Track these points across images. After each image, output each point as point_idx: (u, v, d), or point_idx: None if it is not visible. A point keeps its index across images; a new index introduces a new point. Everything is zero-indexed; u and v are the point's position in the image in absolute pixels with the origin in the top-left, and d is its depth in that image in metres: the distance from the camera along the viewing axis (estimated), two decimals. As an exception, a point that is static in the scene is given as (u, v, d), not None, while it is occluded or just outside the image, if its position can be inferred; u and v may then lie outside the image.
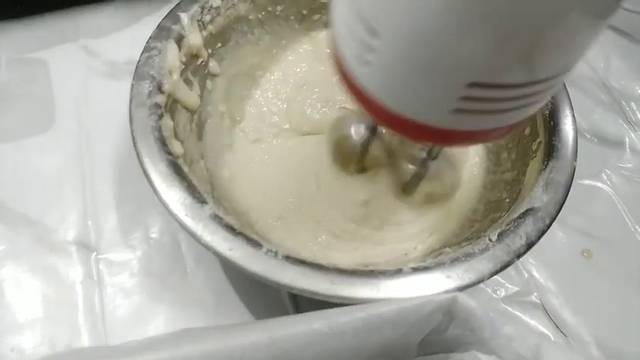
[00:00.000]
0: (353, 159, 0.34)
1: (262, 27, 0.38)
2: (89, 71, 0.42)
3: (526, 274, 0.36)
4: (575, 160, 0.30)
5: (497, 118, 0.19)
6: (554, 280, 0.36)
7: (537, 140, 0.32)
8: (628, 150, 0.44)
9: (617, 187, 0.42)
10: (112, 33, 0.44)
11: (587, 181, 0.42)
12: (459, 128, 0.19)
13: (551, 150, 0.30)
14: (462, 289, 0.25)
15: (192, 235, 0.26)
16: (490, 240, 0.27)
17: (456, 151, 0.35)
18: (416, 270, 0.25)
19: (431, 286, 0.25)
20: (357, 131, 0.33)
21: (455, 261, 0.26)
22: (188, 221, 0.26)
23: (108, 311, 0.32)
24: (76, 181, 0.37)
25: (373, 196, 0.34)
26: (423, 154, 0.31)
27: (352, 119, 0.33)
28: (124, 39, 0.33)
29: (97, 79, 0.42)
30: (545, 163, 0.30)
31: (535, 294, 0.36)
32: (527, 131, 0.33)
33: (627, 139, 0.45)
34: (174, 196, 0.27)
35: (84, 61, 0.43)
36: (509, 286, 0.36)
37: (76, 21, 0.45)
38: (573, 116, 0.31)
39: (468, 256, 0.26)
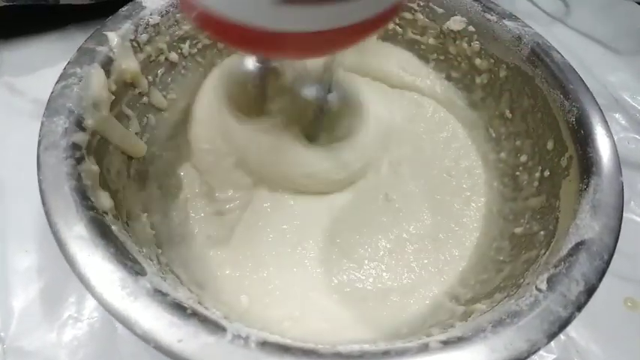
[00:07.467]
0: (252, 99, 0.30)
1: (215, 48, 0.32)
2: (11, 111, 0.35)
3: (563, 337, 0.29)
4: (621, 175, 0.23)
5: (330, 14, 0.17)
6: (598, 342, 0.29)
7: (567, 155, 0.25)
8: (656, 174, 0.38)
9: (651, 218, 0.35)
10: (41, 68, 0.38)
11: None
12: (290, 27, 0.17)
13: (588, 165, 0.24)
14: (511, 364, 0.18)
15: (123, 323, 0.18)
16: (539, 290, 0.20)
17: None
18: (447, 344, 0.18)
19: (471, 365, 0.18)
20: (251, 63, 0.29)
21: (498, 325, 0.19)
22: (116, 303, 0.18)
23: None
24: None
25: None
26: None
27: (242, 59, 0.30)
28: (56, 75, 0.27)
29: (19, 121, 0.35)
30: (586, 181, 0.23)
31: (577, 361, 0.28)
32: (549, 145, 0.27)
33: (654, 161, 0.39)
34: (96, 268, 0.19)
35: (5, 100, 0.36)
36: (544, 353, 0.28)
37: (-1, 56, 0.38)
38: (605, 121, 0.25)
39: (514, 315, 0.19)
